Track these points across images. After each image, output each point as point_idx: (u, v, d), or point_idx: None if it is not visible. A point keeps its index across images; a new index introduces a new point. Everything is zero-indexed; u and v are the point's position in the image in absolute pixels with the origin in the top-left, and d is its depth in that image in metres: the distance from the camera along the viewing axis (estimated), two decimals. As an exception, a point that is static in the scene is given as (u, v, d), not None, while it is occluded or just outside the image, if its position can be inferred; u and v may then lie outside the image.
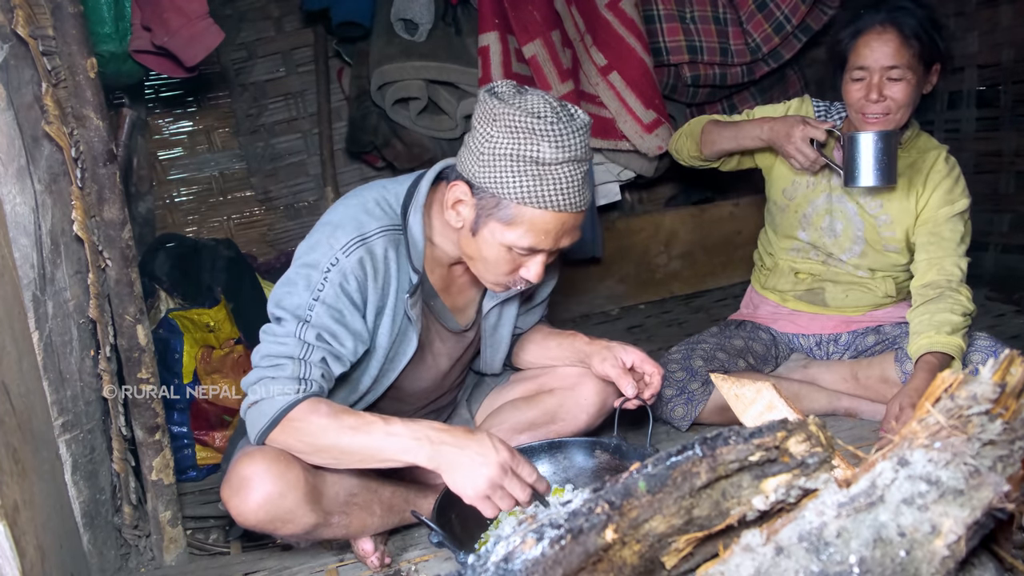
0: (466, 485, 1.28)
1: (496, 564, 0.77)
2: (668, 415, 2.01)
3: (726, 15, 3.14)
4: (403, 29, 2.93)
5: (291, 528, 1.41)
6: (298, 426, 1.34)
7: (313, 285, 1.39)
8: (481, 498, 1.28)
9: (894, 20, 1.80)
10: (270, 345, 1.39)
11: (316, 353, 1.38)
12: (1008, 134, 3.08)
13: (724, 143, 2.08)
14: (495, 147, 1.33)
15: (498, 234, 1.37)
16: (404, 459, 1.32)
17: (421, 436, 1.31)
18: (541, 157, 1.31)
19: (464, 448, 1.29)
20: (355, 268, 1.40)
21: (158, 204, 3.43)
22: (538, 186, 1.32)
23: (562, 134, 1.31)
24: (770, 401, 1.05)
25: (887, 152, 1.77)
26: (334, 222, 1.44)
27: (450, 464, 1.29)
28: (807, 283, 2.13)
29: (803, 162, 1.90)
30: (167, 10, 2.31)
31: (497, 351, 1.74)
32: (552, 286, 1.77)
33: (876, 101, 1.82)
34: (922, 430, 0.78)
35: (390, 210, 1.47)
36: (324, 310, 1.38)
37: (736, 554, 0.78)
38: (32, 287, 1.47)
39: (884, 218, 1.99)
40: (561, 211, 1.35)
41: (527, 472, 1.31)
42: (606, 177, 3.20)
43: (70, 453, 1.55)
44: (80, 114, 1.55)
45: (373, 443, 1.32)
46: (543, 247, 1.39)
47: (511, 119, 1.31)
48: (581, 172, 1.35)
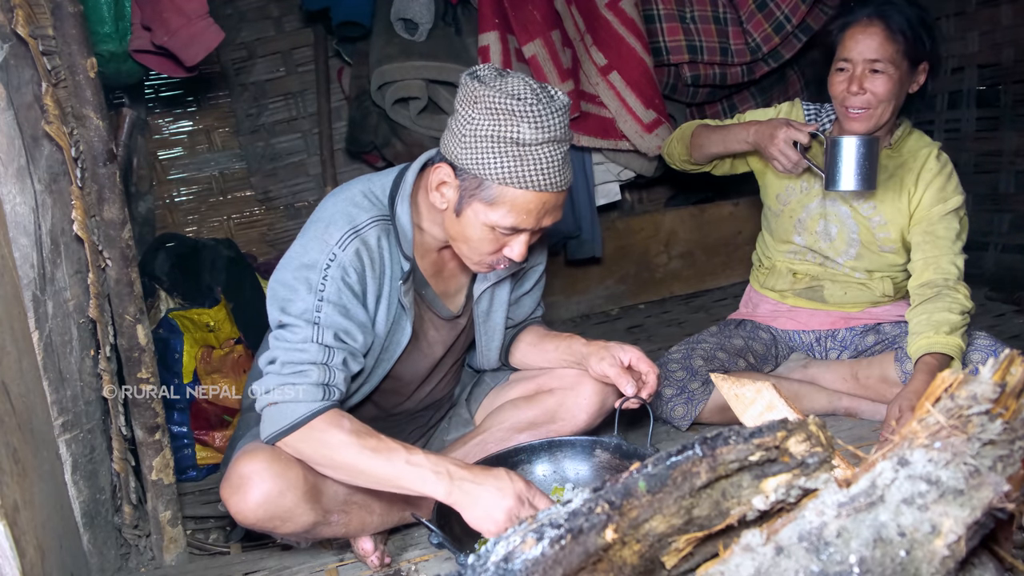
0: (486, 519, 1.29)
1: (496, 564, 0.77)
2: (668, 414, 2.01)
3: (726, 15, 3.14)
4: (403, 29, 2.93)
5: (290, 526, 1.41)
6: (318, 437, 1.35)
7: (314, 286, 1.39)
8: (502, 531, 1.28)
9: (881, 14, 1.82)
10: (289, 353, 1.38)
11: (337, 356, 1.39)
12: (1008, 134, 3.08)
13: (712, 147, 2.10)
14: (476, 129, 1.35)
15: (481, 214, 1.39)
16: (422, 490, 1.33)
17: (441, 470, 1.32)
18: (522, 138, 1.33)
19: (482, 483, 1.31)
20: (353, 260, 1.41)
21: (158, 204, 3.43)
22: (519, 166, 1.34)
23: (542, 115, 1.33)
24: (770, 401, 1.05)
25: (869, 157, 1.78)
26: (325, 219, 1.45)
27: (469, 499, 1.30)
28: (805, 282, 2.13)
29: (785, 164, 1.90)
30: (167, 10, 2.31)
31: (492, 339, 1.74)
32: (540, 272, 1.78)
33: (856, 94, 1.83)
34: (922, 430, 0.78)
35: (377, 201, 1.49)
36: (331, 309, 1.39)
37: (736, 554, 0.78)
38: (32, 287, 1.47)
39: (878, 219, 1.99)
40: (542, 191, 1.37)
41: (543, 504, 1.32)
42: (606, 177, 3.20)
43: (70, 453, 1.55)
44: (80, 114, 1.55)
45: (393, 470, 1.33)
46: (525, 226, 1.40)
47: (492, 101, 1.33)
48: (561, 152, 1.37)
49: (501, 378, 1.86)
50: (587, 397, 1.70)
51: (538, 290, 1.82)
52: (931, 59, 1.89)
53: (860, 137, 1.78)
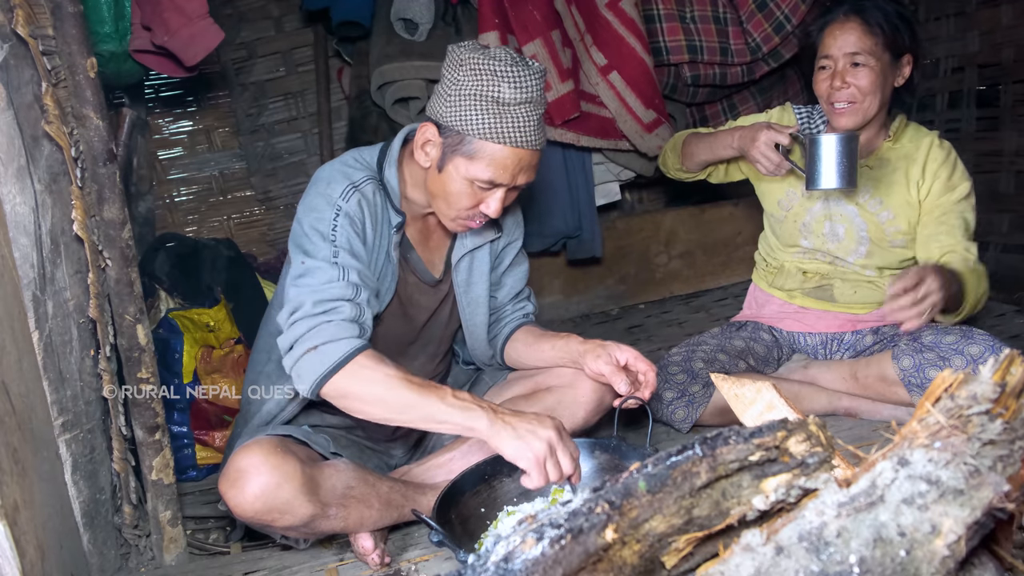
0: (526, 449, 1.34)
1: (496, 564, 0.77)
2: (669, 417, 2.01)
3: (726, 15, 3.14)
4: (403, 29, 2.93)
5: (289, 519, 1.42)
6: (366, 373, 1.40)
7: (327, 235, 1.50)
8: (538, 462, 1.33)
9: (857, 10, 1.87)
10: (317, 292, 1.45)
11: (363, 293, 1.49)
12: (1008, 134, 3.08)
13: (701, 154, 2.13)
14: (460, 88, 1.47)
15: (462, 168, 1.50)
16: (466, 423, 1.38)
17: (484, 405, 1.39)
18: (502, 97, 1.45)
19: (522, 417, 1.37)
20: (356, 210, 1.53)
21: (158, 204, 3.43)
22: (498, 123, 1.46)
23: (520, 76, 1.46)
24: (770, 401, 1.04)
25: (848, 154, 1.77)
26: (324, 178, 1.57)
27: (510, 431, 1.35)
28: (815, 281, 2.14)
29: (768, 166, 1.91)
30: (167, 10, 2.31)
31: (475, 314, 1.78)
32: (518, 248, 1.85)
33: (840, 88, 1.85)
34: (922, 430, 0.78)
35: (367, 165, 1.62)
36: (346, 255, 1.50)
37: (736, 554, 0.78)
38: (32, 287, 1.47)
39: (886, 215, 1.99)
40: (518, 147, 1.48)
41: (566, 461, 1.37)
42: (606, 177, 3.20)
43: (70, 453, 1.55)
44: (80, 114, 1.55)
45: (441, 403, 1.39)
46: (502, 181, 1.51)
47: (475, 63, 1.46)
48: (537, 114, 1.50)
49: (499, 377, 1.87)
50: (585, 394, 1.71)
51: (520, 271, 1.86)
52: (913, 51, 1.91)
53: (839, 135, 1.77)
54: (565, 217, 3.01)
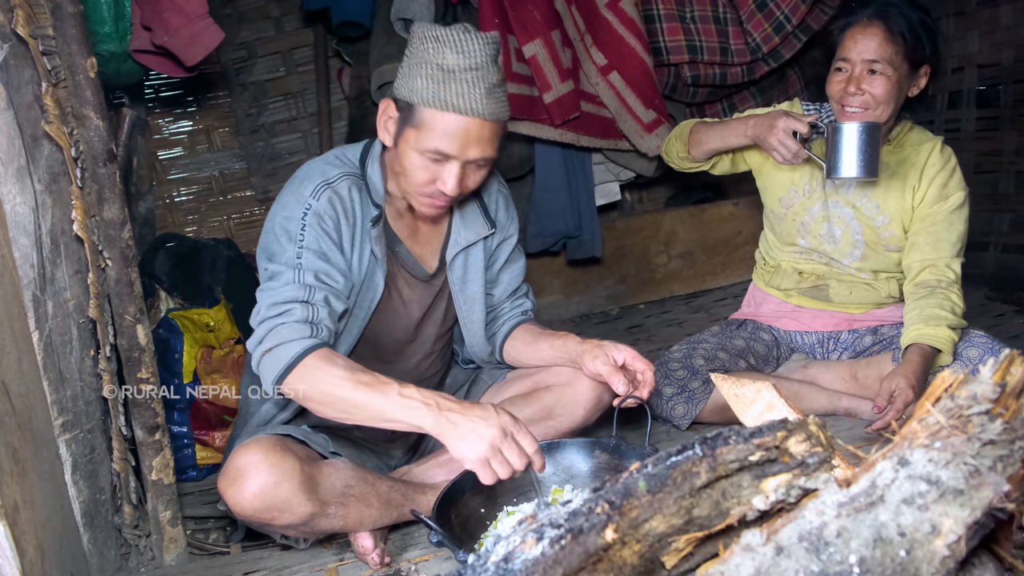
0: (468, 449, 1.30)
1: (496, 564, 0.77)
2: (668, 413, 2.01)
3: (726, 15, 3.14)
4: (403, 29, 2.93)
5: (288, 518, 1.42)
6: (314, 374, 1.40)
7: (294, 236, 1.50)
8: (481, 462, 1.29)
9: (882, 15, 1.82)
10: (272, 295, 1.47)
11: (318, 294, 1.47)
12: (1008, 134, 3.08)
13: (711, 143, 2.08)
14: (410, 59, 1.49)
15: (412, 140, 1.48)
16: (411, 421, 1.35)
17: (431, 402, 1.35)
18: (446, 63, 1.44)
19: (468, 414, 1.33)
20: (327, 209, 1.52)
21: (158, 204, 3.43)
22: (442, 89, 1.44)
23: (465, 42, 1.44)
24: (770, 401, 1.04)
25: (871, 144, 1.75)
26: (299, 178, 1.58)
27: (453, 429, 1.32)
28: (811, 281, 2.13)
29: (785, 155, 1.87)
30: (167, 10, 2.31)
31: (472, 311, 1.77)
32: (513, 244, 1.84)
33: (854, 94, 1.83)
34: (922, 430, 0.78)
35: (349, 162, 1.62)
36: (311, 254, 1.50)
37: (736, 554, 0.78)
38: (32, 287, 1.47)
39: (882, 219, 1.99)
40: (464, 114, 1.44)
41: (527, 442, 1.33)
42: (606, 177, 3.20)
43: (70, 453, 1.55)
44: (80, 114, 1.55)
45: (386, 402, 1.36)
46: (451, 151, 1.47)
47: (424, 34, 1.47)
48: (486, 83, 1.46)
49: (498, 376, 1.87)
50: (584, 393, 1.71)
51: (516, 268, 1.85)
52: (932, 63, 1.87)
53: (863, 123, 1.75)
54: (565, 217, 3.01)
